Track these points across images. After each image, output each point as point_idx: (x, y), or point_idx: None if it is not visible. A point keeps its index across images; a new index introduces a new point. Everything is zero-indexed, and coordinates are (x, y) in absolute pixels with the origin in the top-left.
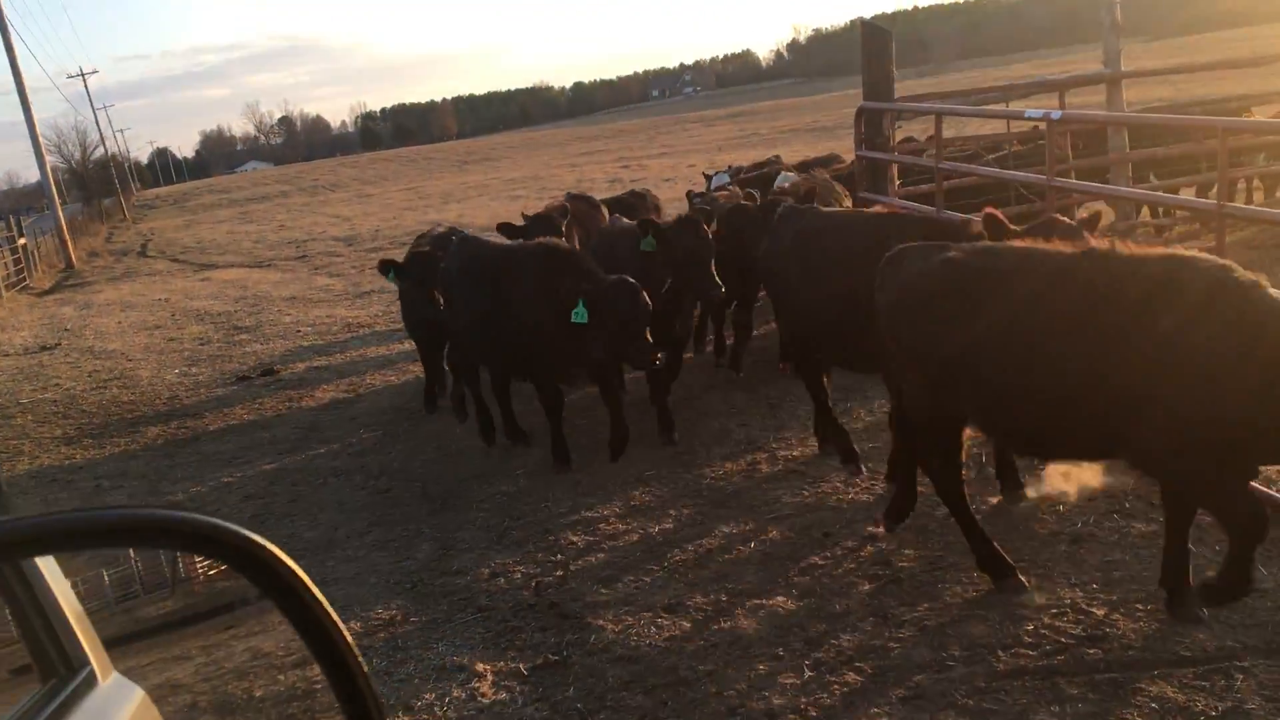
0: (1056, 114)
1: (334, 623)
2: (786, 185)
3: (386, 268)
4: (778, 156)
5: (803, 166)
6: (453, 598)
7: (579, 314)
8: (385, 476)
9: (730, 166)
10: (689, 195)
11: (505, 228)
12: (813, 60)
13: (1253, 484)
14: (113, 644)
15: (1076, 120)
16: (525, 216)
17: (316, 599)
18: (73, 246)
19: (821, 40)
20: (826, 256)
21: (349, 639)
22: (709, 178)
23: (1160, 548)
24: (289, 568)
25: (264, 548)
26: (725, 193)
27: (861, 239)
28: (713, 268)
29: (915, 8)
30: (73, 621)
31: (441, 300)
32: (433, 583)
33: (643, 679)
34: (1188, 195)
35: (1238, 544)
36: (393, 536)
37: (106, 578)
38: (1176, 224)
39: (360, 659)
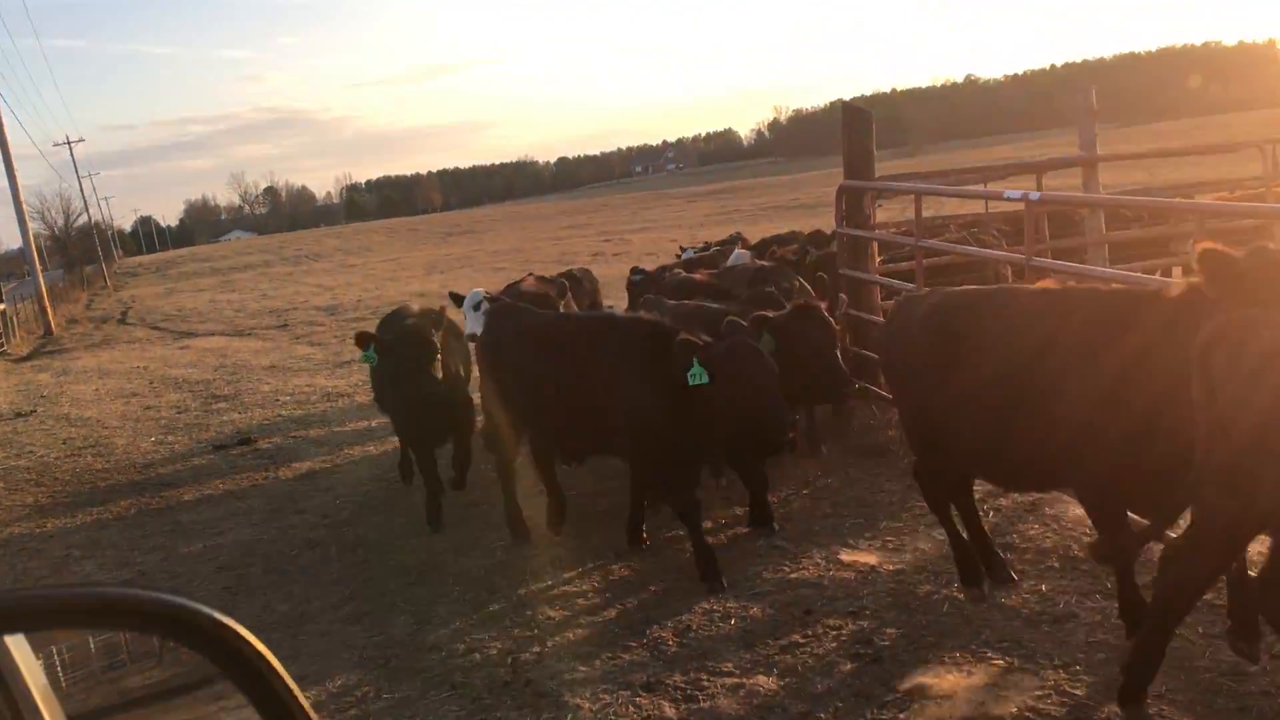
0: (1036, 195)
1: (302, 709)
2: (738, 264)
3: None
4: (738, 234)
5: (762, 245)
6: (426, 674)
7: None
8: (361, 548)
9: (704, 243)
10: (632, 273)
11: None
12: (793, 140)
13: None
14: (95, 717)
15: (1055, 201)
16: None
17: (285, 684)
18: (52, 313)
19: (802, 121)
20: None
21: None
22: (681, 252)
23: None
24: (256, 650)
25: (232, 630)
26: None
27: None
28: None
29: (894, 90)
30: (38, 700)
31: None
32: (406, 658)
33: None
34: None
35: None
36: (367, 610)
37: (92, 645)
38: None
39: None
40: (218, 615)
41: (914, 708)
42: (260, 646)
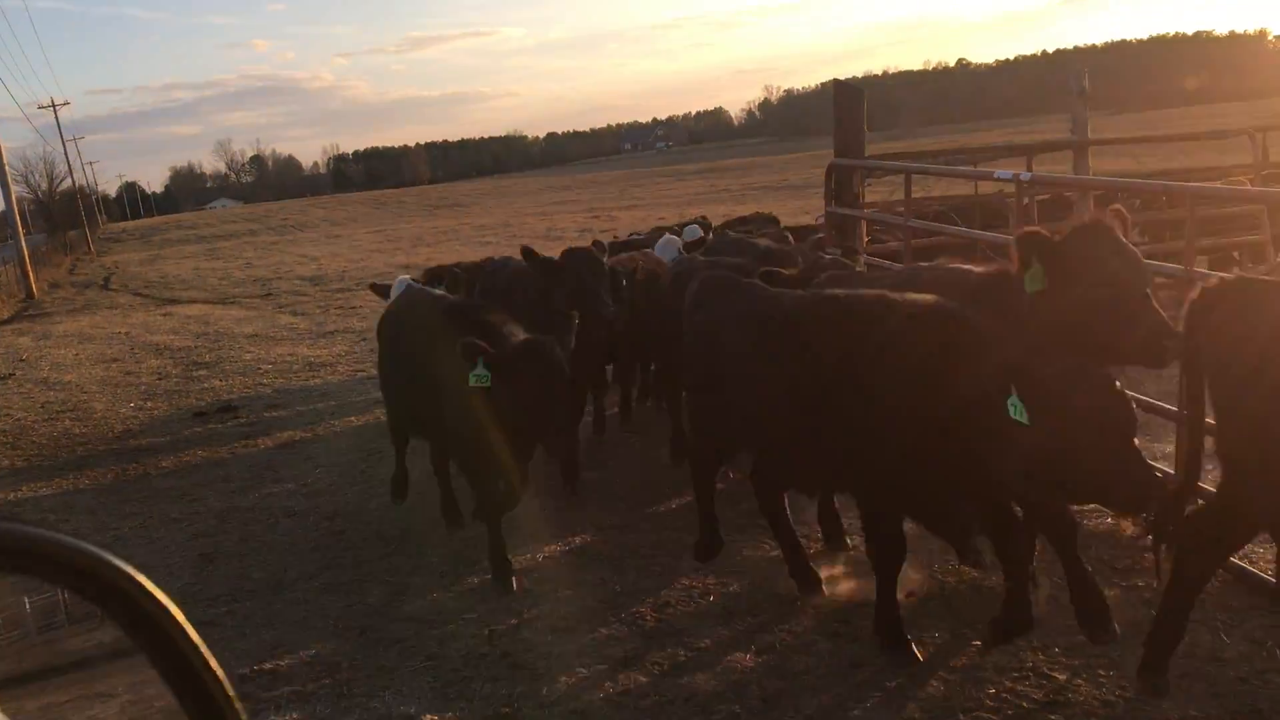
0: (1026, 175)
1: (214, 673)
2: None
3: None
4: (703, 217)
5: (726, 225)
6: (402, 644)
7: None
8: (340, 518)
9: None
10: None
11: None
12: (784, 121)
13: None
14: (28, 680)
15: (1046, 182)
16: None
17: (190, 640)
18: (34, 277)
19: (793, 101)
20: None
21: (231, 693)
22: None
23: (1122, 615)
24: (156, 599)
25: (124, 573)
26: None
27: None
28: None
29: (885, 72)
30: None
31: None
32: (383, 628)
33: None
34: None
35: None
36: (344, 579)
37: (28, 605)
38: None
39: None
40: (126, 568)
41: (890, 687)
42: (176, 612)
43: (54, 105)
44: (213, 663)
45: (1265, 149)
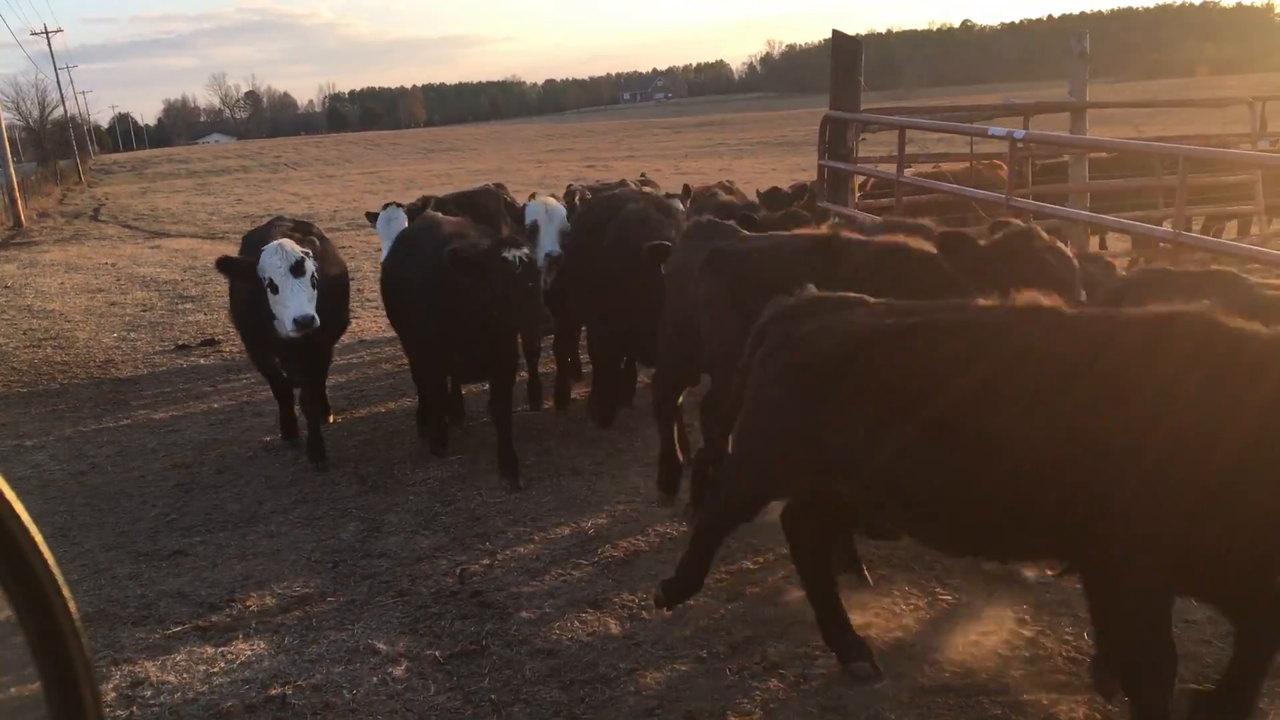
0: (1020, 133)
1: (52, 578)
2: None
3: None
4: (643, 175)
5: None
6: (374, 580)
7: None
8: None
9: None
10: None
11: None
12: (785, 76)
13: None
14: None
15: (1039, 141)
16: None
17: (31, 539)
18: (23, 205)
19: (795, 56)
20: None
21: (71, 606)
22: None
23: None
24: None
25: None
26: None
27: None
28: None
29: (888, 31)
30: None
31: None
32: (355, 563)
33: (561, 673)
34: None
35: None
36: (319, 514)
37: None
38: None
39: (83, 638)
40: None
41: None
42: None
43: (47, 32)
44: (55, 569)
45: (1264, 118)
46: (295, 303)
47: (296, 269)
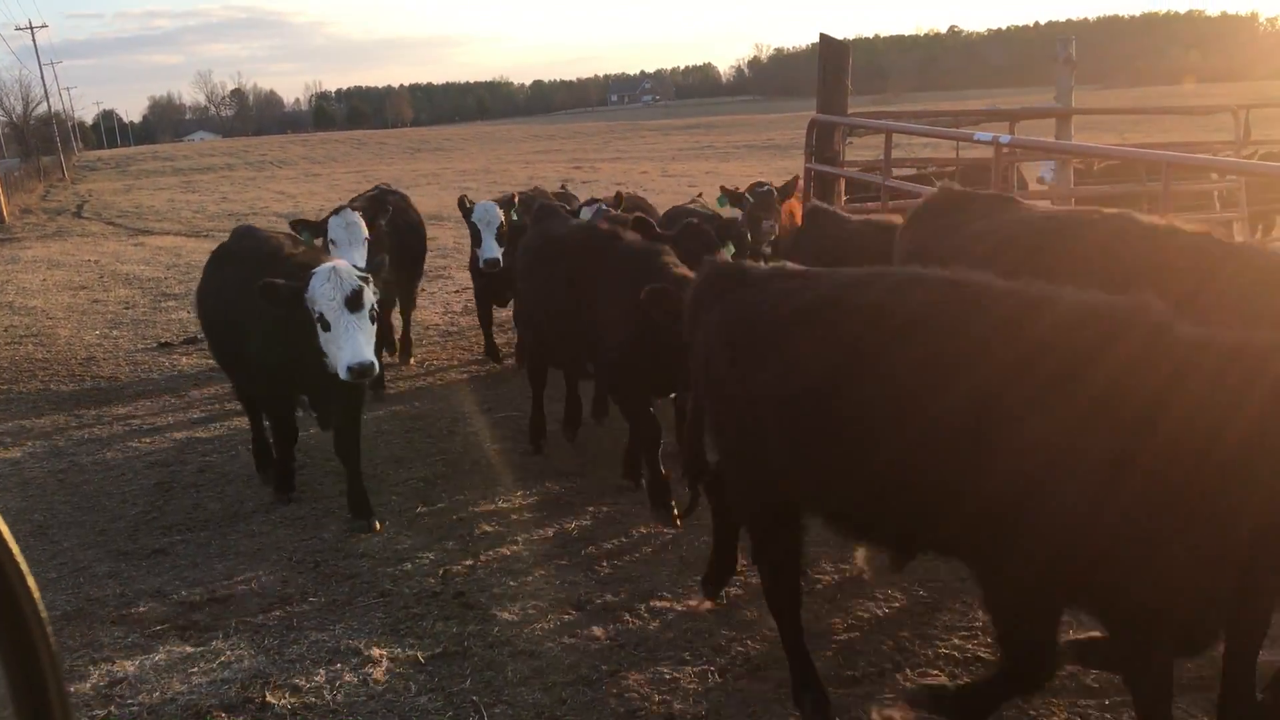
0: (1006, 138)
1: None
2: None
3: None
4: (564, 185)
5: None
6: (355, 580)
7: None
8: (300, 453)
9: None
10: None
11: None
12: (773, 79)
13: None
14: None
15: (1025, 146)
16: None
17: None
18: (5, 201)
19: (782, 60)
20: None
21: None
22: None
23: None
24: None
25: None
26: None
27: None
28: None
29: (876, 36)
30: None
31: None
32: (336, 564)
33: (543, 675)
34: None
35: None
36: (301, 514)
37: None
38: None
39: (50, 635)
40: None
41: (842, 640)
42: None
43: (31, 27)
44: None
45: (1247, 127)
46: (351, 346)
47: (353, 302)
